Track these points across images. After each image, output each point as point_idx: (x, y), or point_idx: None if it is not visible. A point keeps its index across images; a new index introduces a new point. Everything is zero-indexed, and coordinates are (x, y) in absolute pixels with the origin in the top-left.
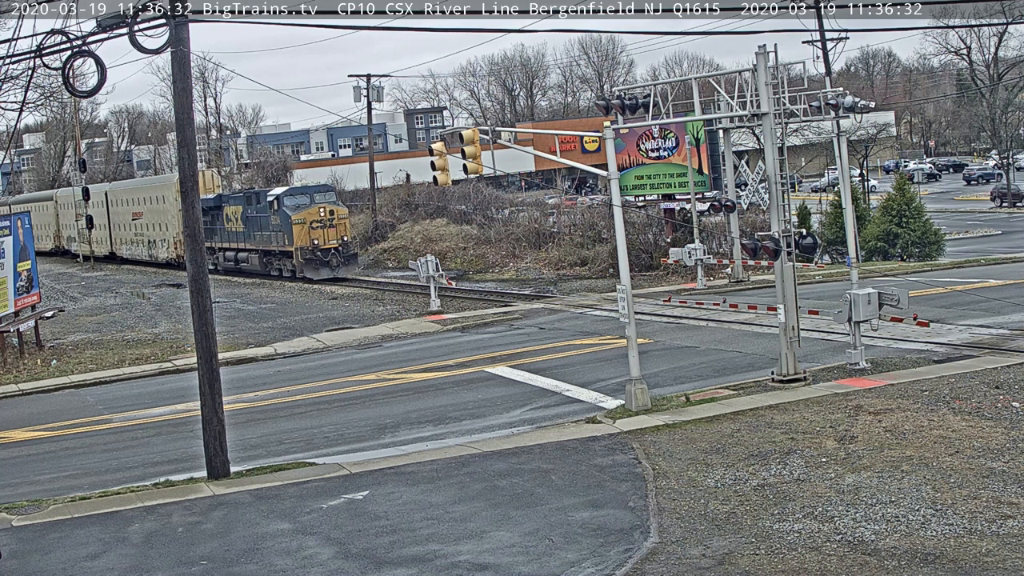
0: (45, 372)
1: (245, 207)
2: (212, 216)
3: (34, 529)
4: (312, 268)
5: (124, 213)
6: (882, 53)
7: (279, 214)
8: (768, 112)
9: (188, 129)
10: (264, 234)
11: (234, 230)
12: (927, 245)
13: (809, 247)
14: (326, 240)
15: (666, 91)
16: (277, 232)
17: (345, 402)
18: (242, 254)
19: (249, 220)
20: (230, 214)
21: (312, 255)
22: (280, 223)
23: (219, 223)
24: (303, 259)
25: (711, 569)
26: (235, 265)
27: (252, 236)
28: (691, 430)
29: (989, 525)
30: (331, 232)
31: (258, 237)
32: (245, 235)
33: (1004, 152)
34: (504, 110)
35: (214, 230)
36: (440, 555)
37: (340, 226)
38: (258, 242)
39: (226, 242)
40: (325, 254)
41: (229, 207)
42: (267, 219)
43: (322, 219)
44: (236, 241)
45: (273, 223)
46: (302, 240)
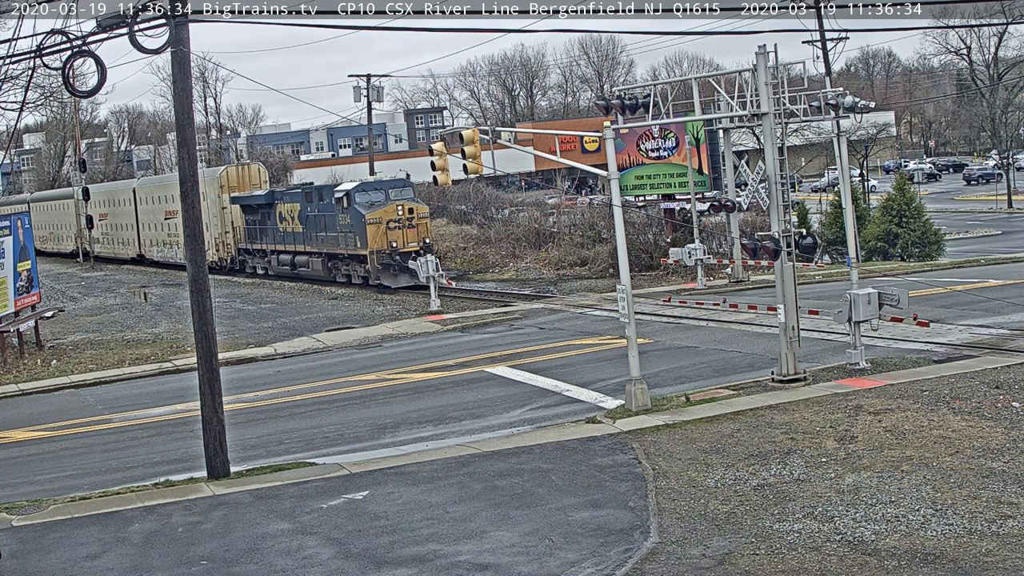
0: (45, 372)
1: (304, 205)
2: (262, 215)
3: (34, 529)
4: (389, 275)
5: (155, 212)
6: (882, 53)
7: (350, 212)
8: (768, 112)
9: (188, 129)
10: (330, 235)
11: (290, 231)
12: (927, 245)
13: (809, 247)
14: (405, 242)
15: (666, 91)
16: (347, 233)
17: (345, 402)
18: (301, 257)
19: (309, 220)
20: (285, 213)
21: (390, 259)
22: (351, 223)
23: (270, 223)
24: (379, 264)
25: (711, 569)
26: (292, 270)
27: (313, 237)
28: (691, 430)
29: (989, 525)
30: (411, 233)
31: (321, 239)
32: (304, 236)
33: (1004, 152)
34: (504, 110)
35: (264, 230)
36: (440, 555)
37: (421, 226)
38: (321, 244)
39: (280, 244)
40: (405, 258)
41: (284, 205)
42: (333, 218)
43: (400, 218)
44: (293, 243)
45: (341, 223)
46: (378, 242)
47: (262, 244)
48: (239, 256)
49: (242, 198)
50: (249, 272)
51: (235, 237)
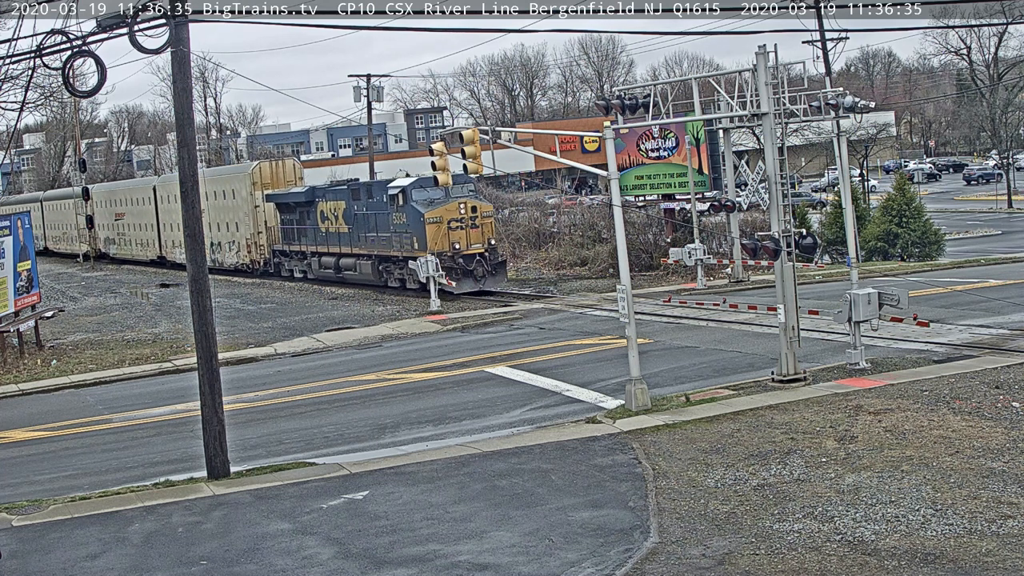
0: (45, 372)
1: (351, 203)
2: (300, 214)
3: (34, 529)
4: (452, 279)
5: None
6: (882, 53)
7: (406, 211)
8: (768, 112)
9: (188, 129)
10: (381, 236)
11: (333, 231)
12: (927, 245)
13: (809, 247)
14: (469, 243)
15: (666, 91)
16: (402, 234)
17: (345, 402)
18: (347, 260)
19: (357, 219)
20: (327, 211)
21: (452, 262)
22: (407, 222)
23: (310, 222)
24: (441, 267)
25: (711, 569)
26: (336, 274)
27: (362, 238)
28: (691, 430)
29: (989, 525)
30: (474, 234)
31: (371, 240)
32: (351, 237)
33: (1004, 152)
34: (504, 110)
35: (303, 231)
36: (440, 555)
37: (485, 226)
38: (371, 246)
39: (322, 245)
40: (468, 261)
41: (326, 203)
42: (386, 217)
43: (462, 217)
44: (337, 245)
45: (396, 222)
46: (438, 244)
47: (301, 245)
48: (274, 258)
49: (278, 196)
50: (286, 276)
51: (269, 237)
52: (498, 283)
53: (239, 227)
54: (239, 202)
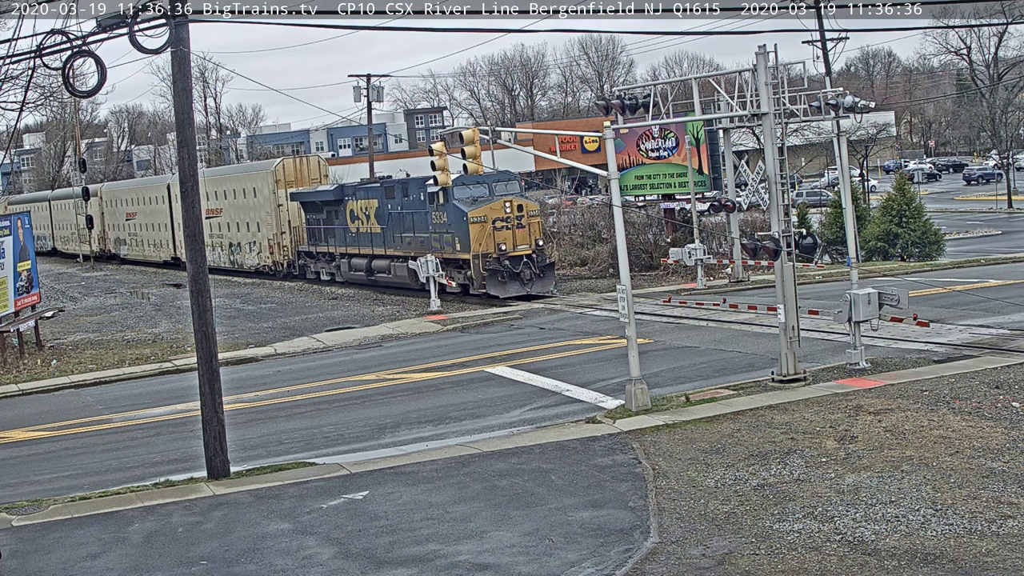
0: (45, 372)
1: (384, 201)
2: (328, 213)
3: (34, 529)
4: (497, 282)
5: None
6: (882, 53)
7: (447, 210)
8: (768, 112)
9: (188, 129)
10: (419, 237)
11: (365, 231)
12: (927, 245)
13: (809, 247)
14: (515, 244)
15: (666, 91)
16: (443, 234)
17: (345, 402)
18: (380, 262)
19: (392, 218)
20: (358, 211)
21: (498, 265)
22: (448, 222)
23: (338, 222)
24: (485, 270)
25: (711, 569)
26: (368, 276)
27: (397, 239)
28: (691, 430)
29: (989, 525)
30: (520, 234)
31: (408, 241)
32: (384, 238)
33: (1004, 152)
34: (504, 110)
35: (331, 231)
36: (440, 555)
37: (532, 226)
38: (408, 247)
39: (352, 246)
40: (515, 263)
41: (356, 202)
42: (424, 217)
43: (508, 216)
44: (369, 245)
45: (435, 222)
46: (483, 245)
47: (328, 246)
48: (299, 260)
49: (304, 194)
50: (311, 278)
51: (293, 238)
52: (546, 287)
53: (260, 227)
54: (261, 201)
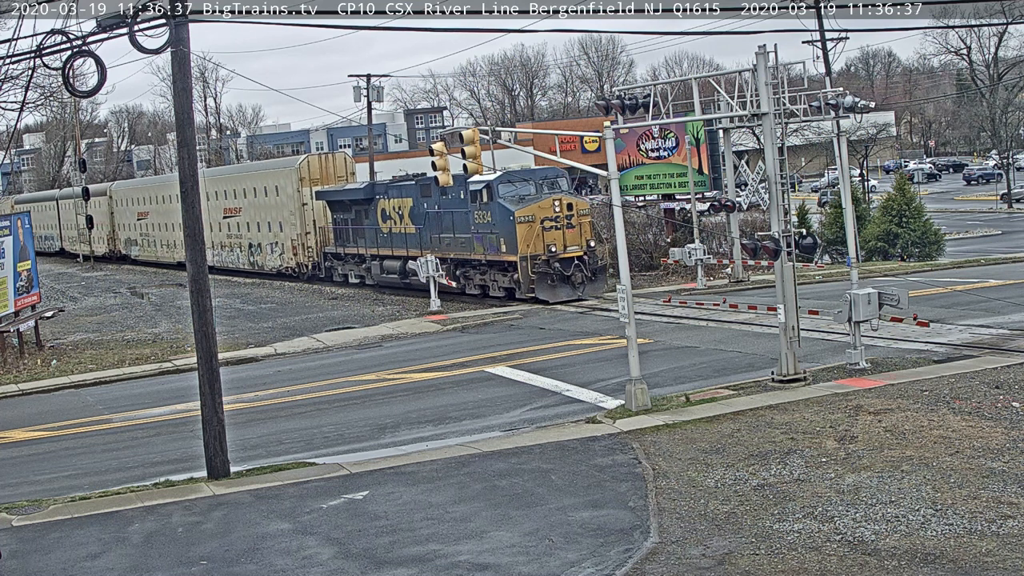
0: (45, 372)
1: (419, 200)
2: (357, 213)
3: (34, 529)
4: (546, 286)
5: (211, 210)
6: (882, 53)
7: (491, 209)
8: (768, 112)
9: (188, 129)
10: (460, 237)
11: (398, 231)
12: (927, 245)
13: (809, 247)
14: (565, 245)
15: (666, 91)
16: (486, 234)
17: (345, 402)
18: (415, 264)
19: (429, 218)
20: (390, 210)
21: (547, 267)
22: (492, 222)
23: (368, 222)
24: (534, 272)
25: (711, 569)
26: (401, 279)
27: (434, 240)
28: (691, 430)
29: (989, 525)
30: (571, 234)
31: (447, 242)
32: (420, 238)
33: (1004, 152)
34: (504, 110)
35: (360, 231)
36: (440, 555)
37: (583, 225)
38: (446, 248)
39: (384, 247)
40: (566, 266)
41: (388, 200)
42: (465, 216)
43: (557, 216)
44: (403, 247)
45: (478, 222)
46: (531, 246)
47: (357, 248)
48: (324, 262)
49: (331, 192)
50: (339, 281)
51: (318, 239)
52: (597, 290)
53: (283, 227)
54: (284, 200)
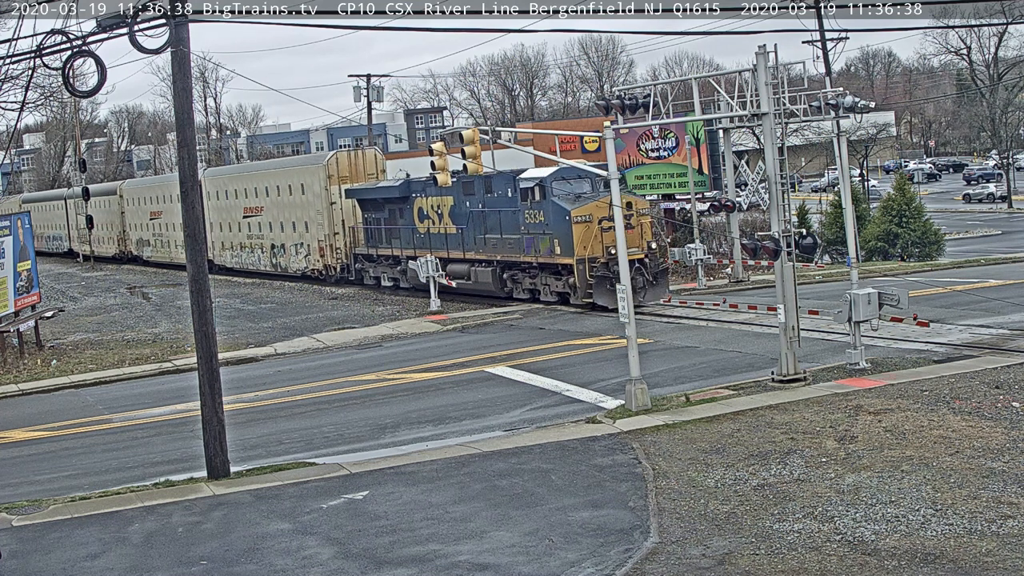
0: (45, 372)
1: (461, 199)
2: (391, 212)
3: (34, 529)
4: (605, 291)
5: (230, 209)
6: (882, 53)
7: (544, 208)
8: (768, 112)
9: (188, 129)
10: (507, 238)
11: (436, 232)
12: (927, 245)
13: (809, 247)
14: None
15: (666, 91)
16: (538, 235)
17: (345, 402)
18: (457, 267)
19: (472, 217)
20: (428, 209)
21: (606, 271)
22: (545, 222)
23: (403, 221)
24: (591, 276)
25: (711, 569)
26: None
27: (478, 241)
28: (691, 430)
29: (989, 525)
30: (631, 235)
31: (493, 243)
32: (461, 239)
33: (1004, 152)
34: (504, 110)
35: (393, 231)
36: (440, 555)
37: (642, 226)
38: (492, 250)
39: (421, 249)
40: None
41: (426, 199)
42: (514, 216)
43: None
44: (443, 248)
45: (529, 222)
46: (589, 247)
47: (391, 249)
48: (355, 263)
49: (362, 191)
50: (370, 284)
51: (348, 239)
52: (659, 296)
53: (309, 227)
54: (310, 198)
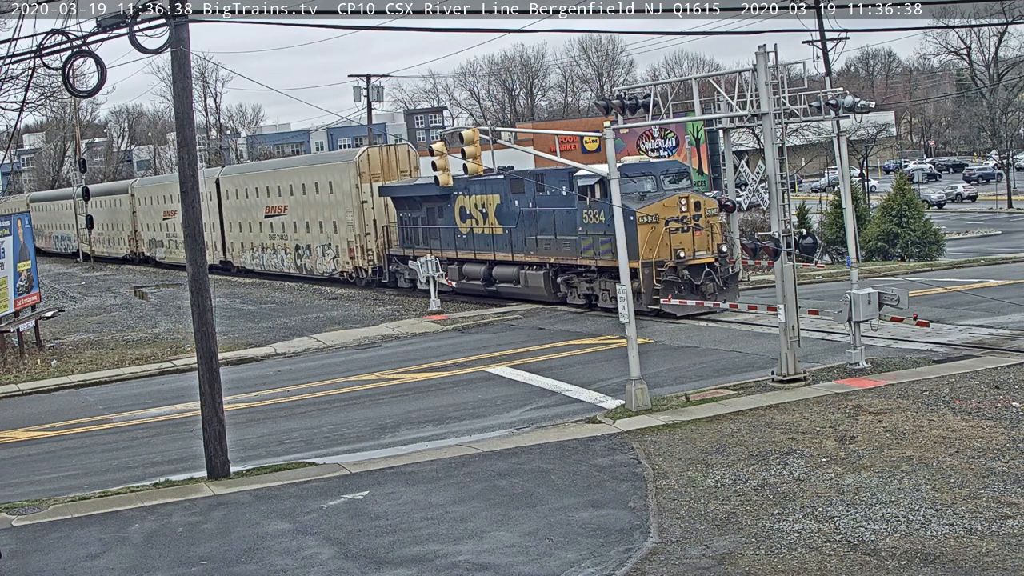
0: (45, 372)
1: (509, 197)
2: (429, 211)
3: (34, 529)
4: (674, 297)
5: (248, 208)
6: (882, 53)
7: (605, 207)
8: (768, 112)
9: (188, 129)
10: (563, 240)
11: (481, 232)
12: (927, 245)
13: (809, 247)
14: (694, 250)
15: (666, 91)
16: (597, 236)
17: (345, 402)
18: (504, 269)
19: (522, 217)
20: (471, 208)
21: (675, 275)
22: (607, 222)
23: (443, 221)
24: (660, 281)
25: (711, 569)
26: (485, 286)
27: (530, 243)
28: (691, 430)
29: (989, 525)
30: (700, 237)
31: (546, 245)
32: (510, 240)
33: (1004, 152)
34: (504, 110)
35: (432, 231)
36: (440, 555)
37: (712, 228)
38: (545, 252)
39: (463, 250)
40: (696, 273)
41: (469, 197)
42: (569, 216)
43: (684, 216)
44: (488, 249)
45: (588, 222)
46: (656, 251)
47: (429, 250)
48: (389, 265)
49: (397, 188)
50: (404, 287)
51: (380, 240)
52: (731, 298)
53: (337, 227)
54: (339, 197)
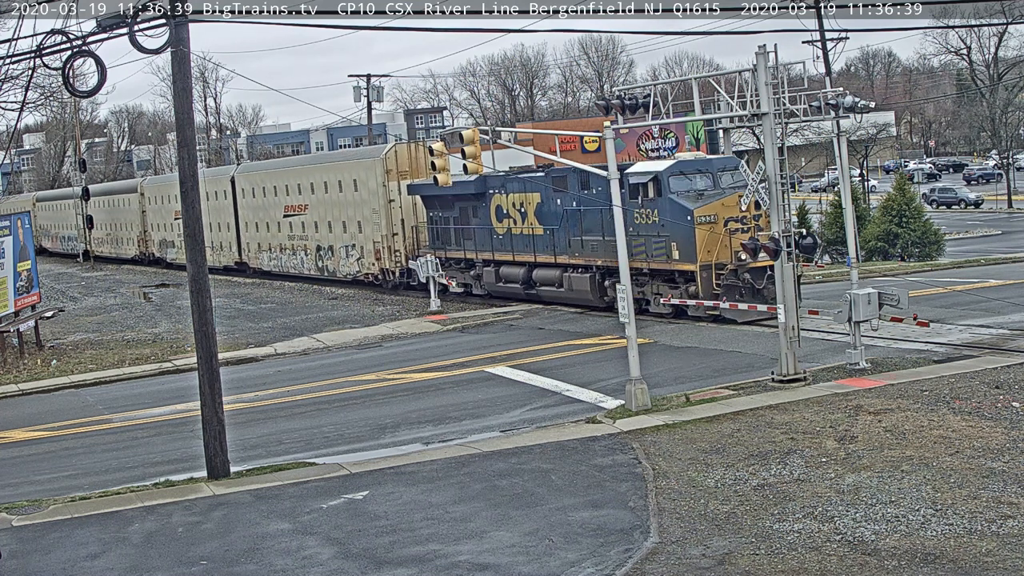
0: (45, 372)
1: (551, 195)
2: (462, 211)
3: (34, 529)
4: (735, 302)
5: (266, 207)
6: (882, 53)
7: (659, 206)
8: (768, 112)
9: (188, 129)
10: (610, 241)
11: (519, 232)
12: (927, 245)
13: (809, 247)
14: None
15: (666, 91)
16: (650, 237)
17: (345, 402)
18: (545, 272)
19: (567, 217)
20: (508, 207)
21: (735, 279)
22: (661, 222)
23: (477, 221)
24: (719, 285)
25: (711, 569)
26: (524, 289)
27: (574, 244)
28: (691, 430)
29: (989, 525)
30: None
31: (590, 245)
32: (552, 241)
33: (1004, 152)
34: (504, 110)
35: (466, 232)
36: (440, 555)
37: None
38: (590, 254)
39: (500, 251)
40: (757, 277)
41: (506, 196)
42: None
43: (744, 216)
44: (528, 250)
45: (640, 222)
46: (714, 252)
47: (463, 251)
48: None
49: (429, 186)
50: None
51: (409, 241)
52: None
53: (362, 227)
54: (365, 196)
